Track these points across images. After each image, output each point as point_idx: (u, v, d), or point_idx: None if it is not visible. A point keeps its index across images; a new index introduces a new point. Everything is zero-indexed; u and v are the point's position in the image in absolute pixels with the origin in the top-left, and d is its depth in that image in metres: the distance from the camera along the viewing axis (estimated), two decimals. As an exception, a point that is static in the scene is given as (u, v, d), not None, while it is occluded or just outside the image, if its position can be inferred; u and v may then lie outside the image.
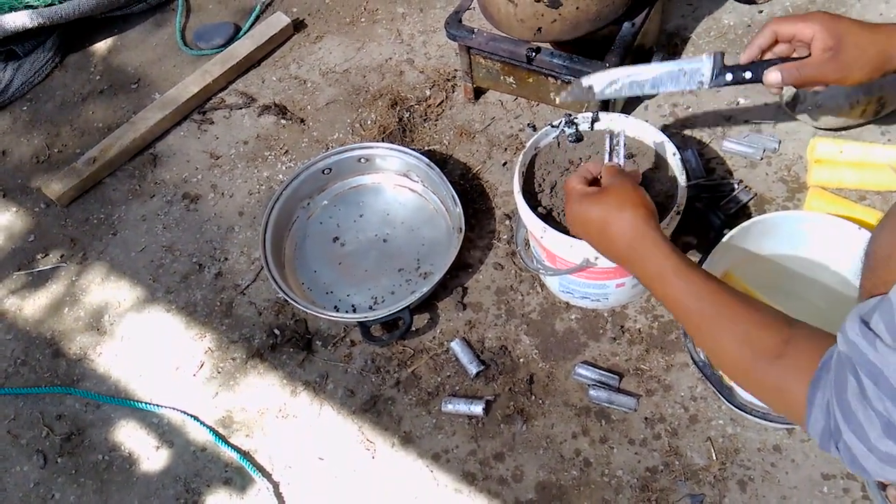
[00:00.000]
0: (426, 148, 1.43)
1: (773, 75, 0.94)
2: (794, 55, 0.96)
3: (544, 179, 1.11)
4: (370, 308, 1.25)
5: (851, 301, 0.74)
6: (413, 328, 1.21)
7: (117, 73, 1.69)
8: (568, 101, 1.08)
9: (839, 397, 0.62)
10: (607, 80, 1.03)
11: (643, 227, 0.83)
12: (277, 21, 1.64)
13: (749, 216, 1.23)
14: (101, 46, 1.75)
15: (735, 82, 0.96)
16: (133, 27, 1.77)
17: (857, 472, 0.63)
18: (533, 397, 1.14)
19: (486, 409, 1.13)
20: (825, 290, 1.12)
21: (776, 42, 0.96)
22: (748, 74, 0.95)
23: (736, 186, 1.27)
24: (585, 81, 1.04)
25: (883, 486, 0.96)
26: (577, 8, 1.15)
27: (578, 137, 1.12)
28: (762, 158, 1.30)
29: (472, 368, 1.16)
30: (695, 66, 0.97)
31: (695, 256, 1.21)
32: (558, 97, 1.05)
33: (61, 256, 1.42)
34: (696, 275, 0.79)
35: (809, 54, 0.92)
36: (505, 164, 1.39)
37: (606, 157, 1.00)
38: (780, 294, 1.13)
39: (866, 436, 0.60)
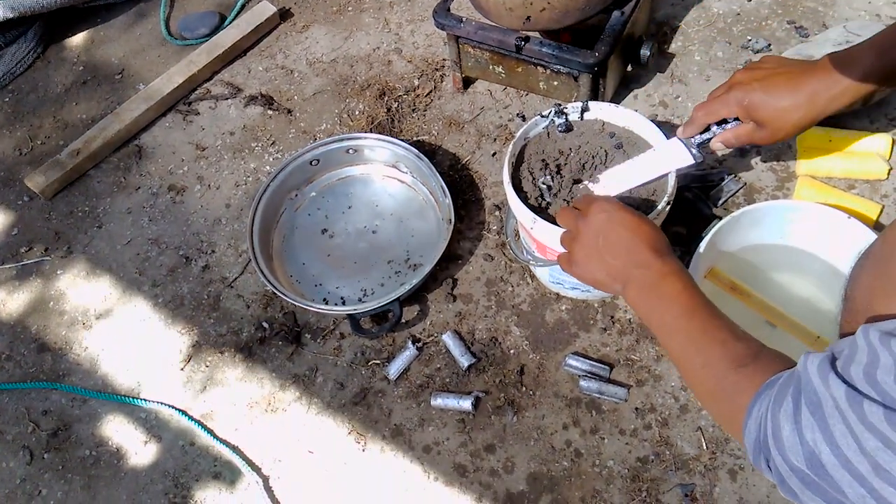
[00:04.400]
0: (415, 138, 1.42)
1: (717, 146, 1.04)
2: None
3: (534, 170, 1.10)
4: (359, 300, 1.24)
5: (841, 290, 0.74)
6: (403, 320, 1.20)
7: (100, 63, 1.66)
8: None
9: (773, 413, 0.62)
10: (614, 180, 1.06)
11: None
12: (263, 10, 1.63)
13: (738, 206, 1.23)
14: (84, 37, 1.72)
15: (706, 141, 1.05)
16: (116, 17, 1.74)
17: (787, 495, 0.63)
18: (523, 389, 1.14)
19: (475, 405, 1.12)
20: (814, 279, 1.12)
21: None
22: (707, 134, 1.04)
23: (725, 176, 1.27)
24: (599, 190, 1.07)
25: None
26: (567, -4, 1.15)
27: (568, 127, 1.12)
28: (751, 148, 1.30)
29: (464, 361, 1.15)
30: (671, 147, 1.04)
31: (685, 246, 1.20)
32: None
33: (45, 250, 1.40)
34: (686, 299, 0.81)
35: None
36: (494, 154, 1.38)
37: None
38: (769, 284, 1.13)
39: (789, 457, 0.60)
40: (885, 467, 0.53)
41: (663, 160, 1.03)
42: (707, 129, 1.05)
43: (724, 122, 1.03)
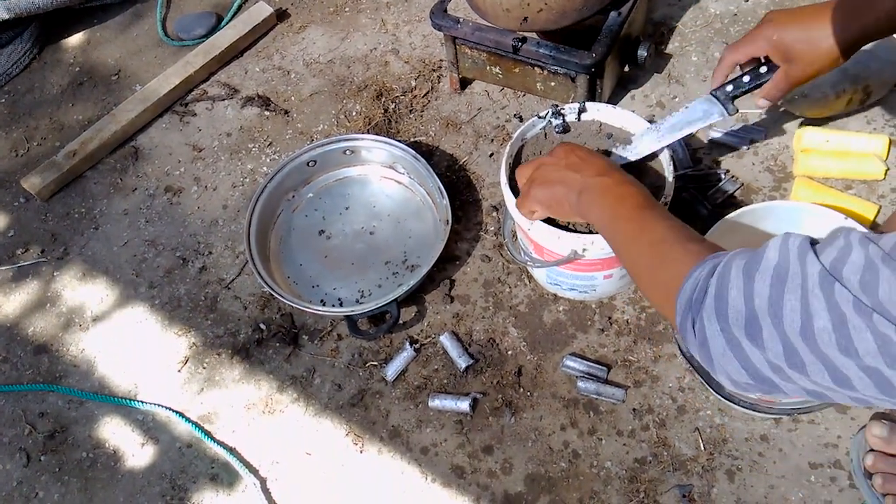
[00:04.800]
0: (412, 139, 1.42)
1: (761, 102, 1.03)
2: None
3: (531, 171, 1.10)
4: (357, 301, 1.24)
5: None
6: (400, 321, 1.20)
7: (97, 64, 1.66)
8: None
9: (721, 275, 0.62)
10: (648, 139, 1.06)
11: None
12: (260, 11, 1.62)
13: (736, 206, 1.23)
14: (81, 38, 1.72)
15: (739, 93, 1.03)
16: (113, 18, 1.74)
17: (702, 358, 0.63)
18: (521, 390, 1.14)
19: (473, 406, 1.12)
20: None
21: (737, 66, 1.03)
22: (746, 79, 1.02)
23: (722, 176, 1.27)
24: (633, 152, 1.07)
25: (869, 475, 0.97)
26: (564, -3, 1.14)
27: (565, 128, 1.12)
28: (749, 148, 1.30)
29: (462, 363, 1.15)
30: (703, 103, 1.04)
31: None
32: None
33: (42, 251, 1.40)
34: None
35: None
36: (492, 155, 1.38)
37: None
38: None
39: (725, 315, 0.60)
40: (823, 349, 0.55)
41: (696, 117, 1.04)
42: (737, 80, 1.02)
43: (755, 72, 1.01)
